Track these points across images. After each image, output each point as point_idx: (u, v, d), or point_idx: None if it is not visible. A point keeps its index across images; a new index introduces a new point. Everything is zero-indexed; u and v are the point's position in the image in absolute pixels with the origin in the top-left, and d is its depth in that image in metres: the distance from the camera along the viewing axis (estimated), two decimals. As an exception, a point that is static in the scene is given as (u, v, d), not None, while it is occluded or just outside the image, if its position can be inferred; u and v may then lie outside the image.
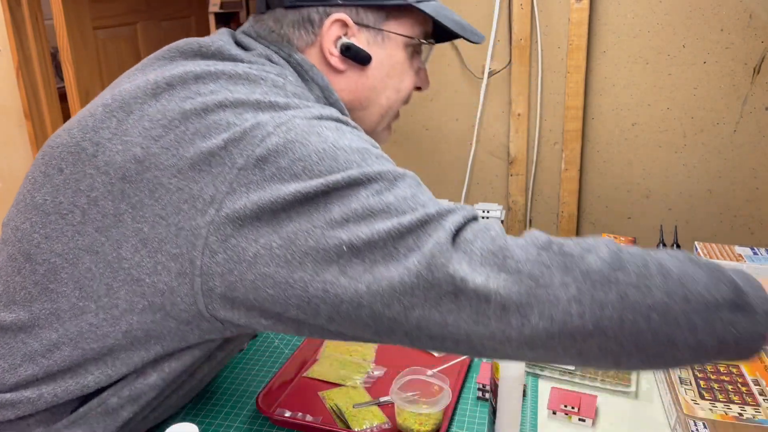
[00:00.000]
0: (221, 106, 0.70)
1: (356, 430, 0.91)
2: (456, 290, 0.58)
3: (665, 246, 1.41)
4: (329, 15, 0.81)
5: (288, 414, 0.95)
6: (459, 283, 0.57)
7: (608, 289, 0.56)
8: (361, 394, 0.99)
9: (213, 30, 4.39)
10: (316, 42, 0.82)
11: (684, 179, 1.97)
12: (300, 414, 0.95)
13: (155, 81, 0.75)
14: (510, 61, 1.98)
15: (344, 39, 0.82)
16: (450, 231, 0.60)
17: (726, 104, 1.87)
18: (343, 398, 0.98)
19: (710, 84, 1.86)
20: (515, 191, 2.10)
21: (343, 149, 0.67)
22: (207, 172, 0.67)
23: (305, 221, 0.63)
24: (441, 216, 0.62)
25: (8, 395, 0.76)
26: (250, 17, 0.88)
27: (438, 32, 0.90)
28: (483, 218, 1.54)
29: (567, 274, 0.56)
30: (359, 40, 0.82)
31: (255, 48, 0.81)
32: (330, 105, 0.82)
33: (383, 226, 0.61)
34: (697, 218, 2.00)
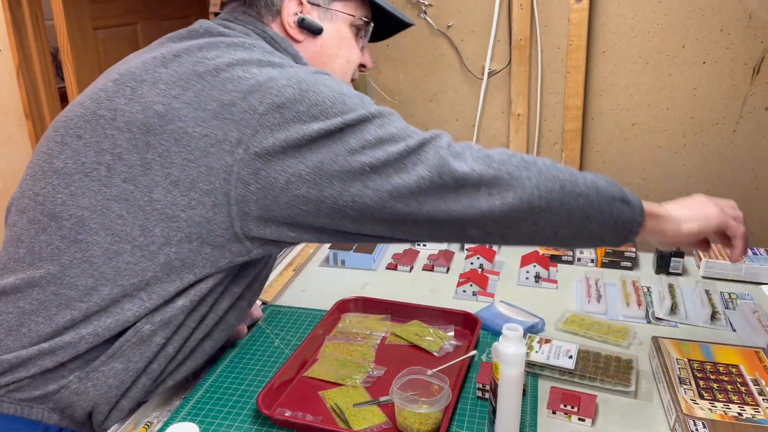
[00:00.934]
0: (230, 65, 0.83)
1: (356, 430, 0.91)
2: (457, 185, 0.80)
3: (665, 246, 1.41)
4: None
5: (288, 413, 0.95)
6: (460, 179, 0.79)
7: (554, 181, 0.82)
8: (361, 394, 0.99)
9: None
10: (278, 18, 0.96)
11: (684, 179, 1.97)
12: (300, 413, 0.95)
13: (162, 55, 0.86)
14: (510, 62, 1.98)
15: (300, 14, 0.96)
16: (445, 145, 0.82)
17: (726, 104, 1.87)
18: (344, 398, 0.98)
19: (710, 84, 1.87)
20: (515, 191, 2.10)
21: (348, 95, 0.83)
22: (230, 120, 0.79)
23: (327, 151, 0.79)
24: (434, 138, 0.83)
25: (47, 344, 0.83)
26: (224, 9, 1.01)
27: (377, 16, 1.03)
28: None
29: (529, 171, 0.82)
30: (312, 16, 0.97)
31: (234, 27, 0.94)
32: None
33: (394, 149, 0.80)
34: (697, 218, 2.00)
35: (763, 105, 1.85)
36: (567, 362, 1.03)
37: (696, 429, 0.86)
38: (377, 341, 1.14)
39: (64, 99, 2.55)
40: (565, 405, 0.94)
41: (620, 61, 1.91)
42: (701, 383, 0.96)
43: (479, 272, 1.38)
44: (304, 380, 1.04)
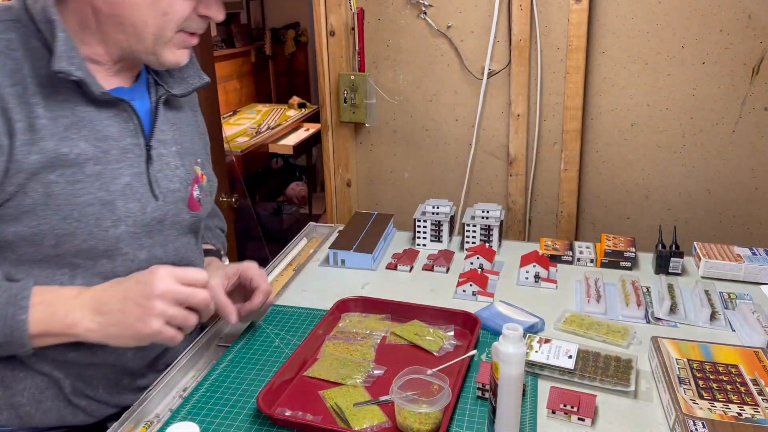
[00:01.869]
0: None
1: (356, 429, 0.91)
2: None
3: (664, 247, 1.41)
4: None
5: (288, 413, 0.95)
6: None
7: None
8: (361, 394, 0.99)
9: (213, 30, 4.39)
10: None
11: (683, 179, 1.97)
12: (300, 413, 0.95)
13: None
14: (509, 62, 1.98)
15: None
16: None
17: (725, 105, 1.87)
18: (344, 397, 0.98)
19: (709, 84, 1.87)
20: (515, 191, 2.10)
21: None
22: None
23: None
24: None
25: None
26: None
27: None
28: (482, 218, 1.55)
29: None
30: None
31: None
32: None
33: None
34: (696, 218, 2.00)
35: (763, 105, 1.85)
36: (567, 362, 1.03)
37: (695, 429, 0.86)
38: (377, 341, 1.14)
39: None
40: (565, 405, 0.94)
41: (620, 62, 1.91)
42: (701, 383, 0.96)
43: (479, 272, 1.39)
44: (304, 380, 1.04)
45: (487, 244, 1.53)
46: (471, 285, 1.32)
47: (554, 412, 0.95)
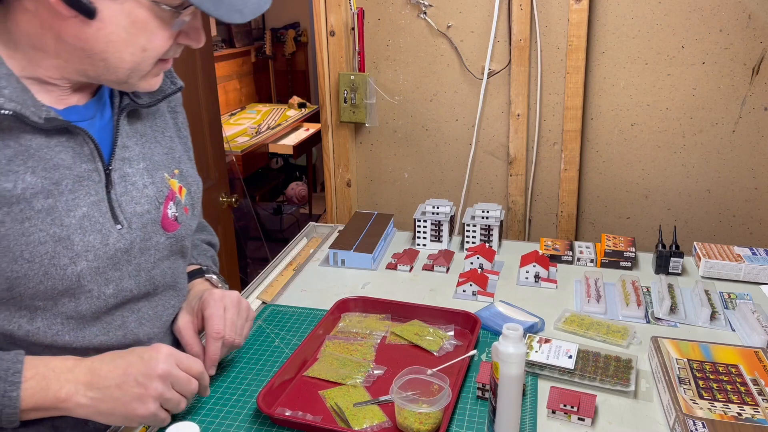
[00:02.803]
0: None
1: (356, 429, 0.91)
2: None
3: (664, 246, 1.41)
4: None
5: (288, 413, 0.95)
6: None
7: None
8: (361, 393, 0.99)
9: (213, 30, 4.39)
10: None
11: (683, 179, 1.98)
12: (300, 413, 0.95)
13: None
14: (509, 62, 1.98)
15: None
16: None
17: (725, 105, 1.87)
18: (344, 397, 0.98)
19: (709, 84, 1.87)
20: (515, 191, 2.10)
21: None
22: None
23: None
24: None
25: None
26: None
27: None
28: (482, 218, 1.55)
29: None
30: None
31: None
32: None
33: None
34: (696, 218, 2.00)
35: (763, 105, 1.85)
36: (567, 362, 1.03)
37: (695, 429, 0.86)
38: (377, 341, 1.14)
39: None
40: (565, 405, 0.94)
41: (620, 62, 1.91)
42: (701, 383, 0.96)
43: (479, 272, 1.39)
44: (304, 380, 1.04)
45: (487, 244, 1.53)
46: (471, 285, 1.32)
47: (554, 412, 0.95)
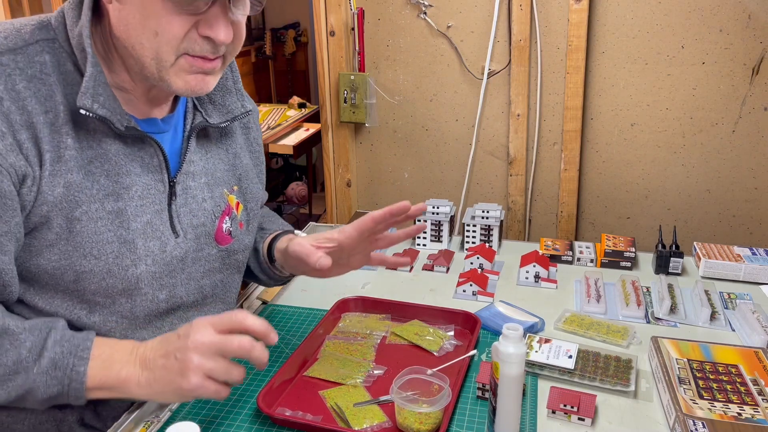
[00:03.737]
0: None
1: (356, 429, 0.91)
2: None
3: (664, 247, 1.41)
4: None
5: (288, 413, 0.95)
6: None
7: None
8: (362, 393, 0.99)
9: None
10: None
11: (683, 179, 1.98)
12: (300, 413, 0.95)
13: None
14: (509, 62, 1.99)
15: None
16: None
17: (725, 105, 1.88)
18: (344, 397, 0.98)
19: (709, 84, 1.87)
20: (515, 191, 2.10)
21: None
22: None
23: None
24: None
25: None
26: None
27: None
28: (482, 218, 1.55)
29: None
30: None
31: None
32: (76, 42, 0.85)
33: None
34: (696, 218, 2.00)
35: (762, 105, 1.85)
36: (567, 362, 1.03)
37: (695, 429, 0.86)
38: (377, 341, 1.14)
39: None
40: (565, 405, 0.94)
41: (620, 62, 1.91)
42: (701, 383, 0.96)
43: (479, 272, 1.39)
44: (305, 380, 1.04)
45: (487, 244, 1.53)
46: (471, 285, 1.32)
47: (554, 412, 0.95)
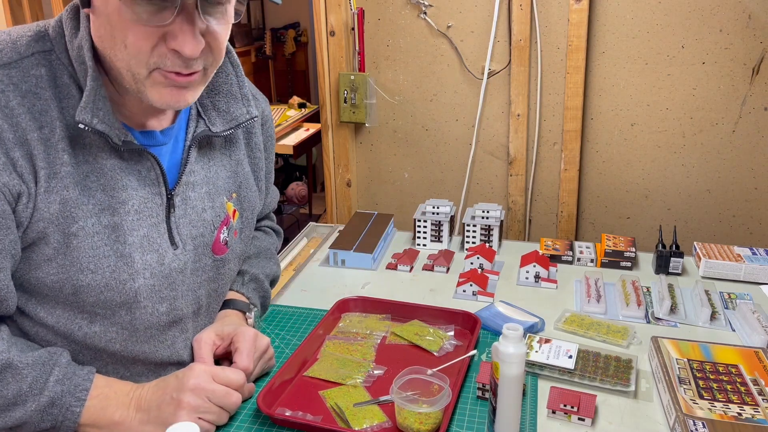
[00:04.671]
0: None
1: (356, 429, 0.91)
2: None
3: (665, 247, 1.41)
4: None
5: (288, 413, 0.95)
6: None
7: None
8: (362, 394, 0.99)
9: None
10: None
11: (683, 179, 1.98)
12: (300, 413, 0.95)
13: None
14: (509, 62, 1.99)
15: None
16: None
17: (725, 105, 1.88)
18: (344, 397, 0.98)
19: (709, 84, 1.87)
20: (515, 191, 2.10)
21: None
22: None
23: None
24: None
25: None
26: None
27: None
28: (482, 218, 1.55)
29: None
30: None
31: None
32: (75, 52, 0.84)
33: None
34: (696, 218, 2.00)
35: (763, 105, 1.85)
36: (567, 362, 1.03)
37: (695, 429, 0.86)
38: (377, 341, 1.14)
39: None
40: (565, 405, 0.94)
41: (620, 62, 1.91)
42: (701, 383, 0.96)
43: (479, 272, 1.39)
44: (305, 380, 1.04)
45: (487, 244, 1.53)
46: (471, 285, 1.32)
47: (554, 412, 0.95)
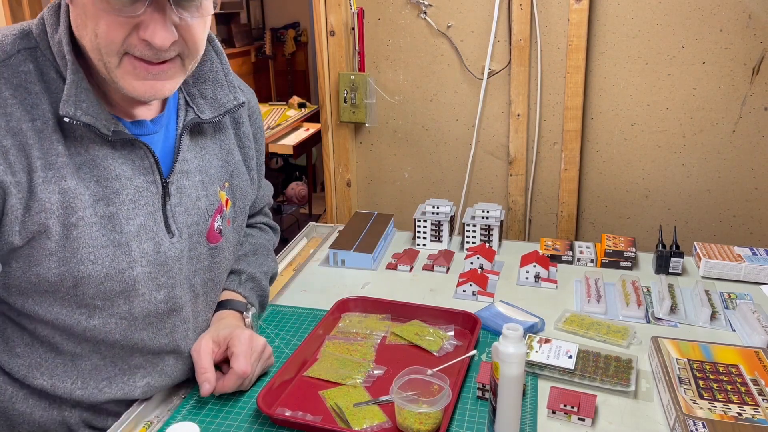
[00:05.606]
0: None
1: (356, 429, 0.91)
2: None
3: (665, 247, 1.41)
4: None
5: (288, 413, 0.95)
6: None
7: None
8: (361, 394, 0.99)
9: (214, 29, 4.39)
10: None
11: (683, 179, 1.98)
12: (300, 413, 0.95)
13: None
14: (510, 62, 1.98)
15: None
16: None
17: (725, 104, 1.87)
18: (344, 397, 0.98)
19: (709, 84, 1.87)
20: (515, 191, 2.10)
21: None
22: None
23: None
24: None
25: None
26: None
27: None
28: (482, 218, 1.55)
29: None
30: None
31: None
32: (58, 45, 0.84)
33: None
34: (696, 218, 2.00)
35: (763, 105, 1.85)
36: (567, 362, 1.03)
37: (696, 429, 0.86)
38: (377, 341, 1.14)
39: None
40: (565, 405, 0.94)
41: (620, 62, 1.91)
42: (701, 383, 0.96)
43: (479, 272, 1.39)
44: (304, 380, 1.04)
45: (487, 244, 1.53)
46: (471, 285, 1.32)
47: (554, 412, 0.95)
